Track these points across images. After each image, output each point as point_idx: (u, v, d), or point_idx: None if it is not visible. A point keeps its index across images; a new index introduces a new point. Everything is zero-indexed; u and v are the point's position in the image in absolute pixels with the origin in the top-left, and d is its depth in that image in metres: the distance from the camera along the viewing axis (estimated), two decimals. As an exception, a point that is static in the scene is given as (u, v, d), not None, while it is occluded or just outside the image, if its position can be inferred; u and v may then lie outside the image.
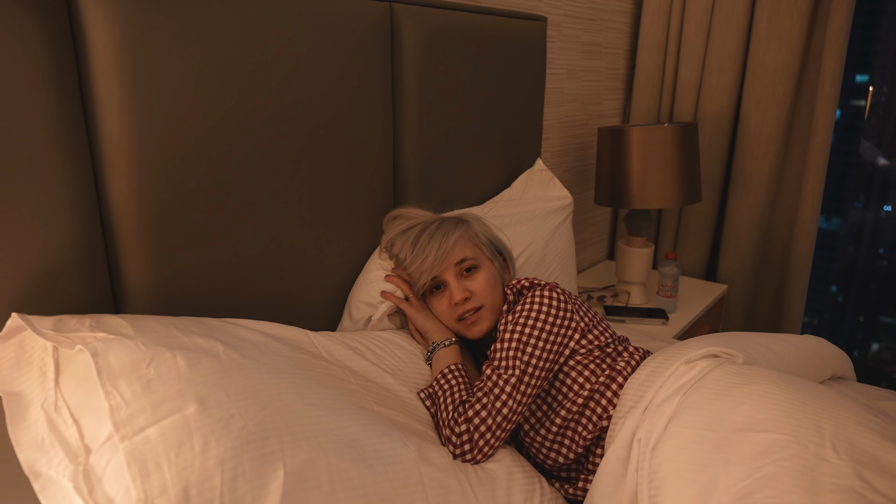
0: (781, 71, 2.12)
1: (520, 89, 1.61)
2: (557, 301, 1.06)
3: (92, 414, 0.71)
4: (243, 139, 0.99)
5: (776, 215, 2.31)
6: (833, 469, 0.72)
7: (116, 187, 0.88)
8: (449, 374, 1.06)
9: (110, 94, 0.85)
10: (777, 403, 0.81)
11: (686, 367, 0.94)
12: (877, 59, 3.93)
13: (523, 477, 0.98)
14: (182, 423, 0.68)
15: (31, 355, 0.77)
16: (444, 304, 1.14)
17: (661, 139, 1.81)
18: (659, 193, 1.84)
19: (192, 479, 0.64)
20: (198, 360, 0.76)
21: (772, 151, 2.20)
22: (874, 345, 5.23)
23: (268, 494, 0.68)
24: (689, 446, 0.82)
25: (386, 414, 0.93)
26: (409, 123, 1.31)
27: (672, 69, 2.32)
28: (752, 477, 0.74)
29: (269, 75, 1.01)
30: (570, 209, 1.61)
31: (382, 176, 1.27)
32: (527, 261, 1.47)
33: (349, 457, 0.78)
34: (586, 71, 2.16)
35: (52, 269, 0.84)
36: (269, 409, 0.75)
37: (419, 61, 1.29)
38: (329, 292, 1.22)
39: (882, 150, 4.22)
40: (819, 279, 5.12)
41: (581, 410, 1.03)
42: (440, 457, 0.91)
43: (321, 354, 0.99)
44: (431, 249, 1.10)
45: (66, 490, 0.66)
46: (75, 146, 0.84)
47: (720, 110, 2.25)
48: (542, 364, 1.02)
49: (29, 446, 0.69)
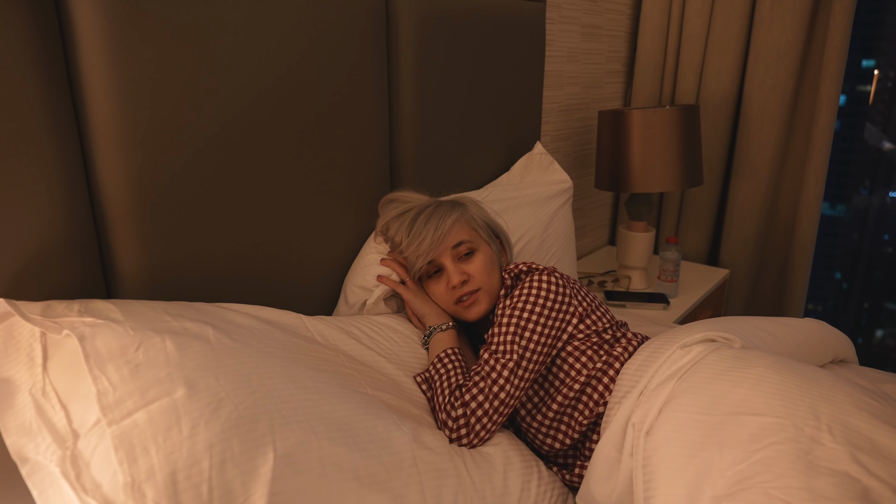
0: (785, 52, 2.09)
1: (519, 72, 1.59)
2: (556, 285, 1.05)
3: (80, 399, 0.70)
4: (236, 122, 0.98)
5: (779, 199, 2.29)
6: (829, 453, 0.71)
7: (106, 171, 0.87)
8: (445, 357, 1.05)
9: (98, 76, 0.83)
10: (773, 387, 0.80)
11: (682, 351, 0.93)
12: (883, 44, 3.89)
13: (520, 461, 0.97)
14: (170, 407, 0.67)
15: (18, 341, 0.76)
16: (441, 287, 1.13)
17: (663, 122, 1.79)
18: (660, 177, 1.83)
19: (179, 464, 0.64)
20: (187, 345, 0.75)
21: (775, 134, 2.17)
22: (878, 331, 5.22)
23: (257, 478, 0.67)
24: (684, 430, 0.81)
25: (381, 397, 0.93)
26: (405, 106, 1.29)
27: (674, 51, 2.29)
28: (748, 461, 0.73)
29: (263, 57, 1.00)
30: (569, 193, 1.60)
31: (378, 160, 1.26)
32: (526, 246, 1.45)
33: (341, 440, 0.77)
34: (587, 53, 2.13)
35: (41, 254, 0.83)
36: (260, 392, 0.75)
37: (415, 43, 1.27)
38: (325, 277, 1.21)
39: (888, 135, 4.18)
40: (823, 266, 5.11)
41: (578, 396, 1.02)
42: (435, 440, 0.90)
43: (315, 338, 0.98)
44: (428, 233, 1.09)
45: (53, 475, 0.65)
46: (63, 129, 0.83)
47: (722, 93, 2.22)
48: (539, 349, 1.01)
49: (16, 432, 0.69)
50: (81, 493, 0.63)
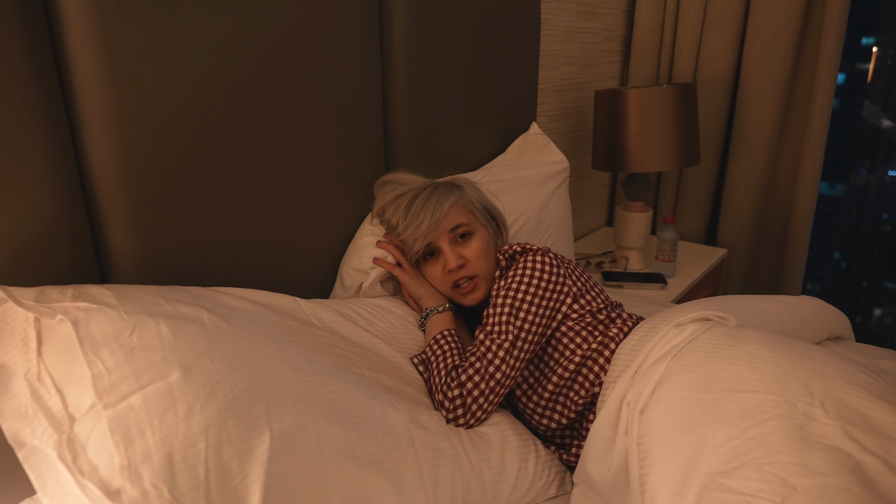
0: (783, 29, 2.07)
1: (514, 51, 1.57)
2: (549, 265, 1.05)
3: (75, 383, 0.70)
4: (226, 104, 0.97)
5: (777, 178, 2.28)
6: (822, 428, 0.71)
7: (97, 155, 0.87)
8: (442, 339, 1.05)
9: (85, 59, 0.82)
10: (766, 364, 0.80)
11: (676, 330, 0.93)
12: (882, 21, 3.85)
13: (518, 440, 0.98)
14: (166, 390, 0.68)
15: (12, 326, 0.76)
16: (438, 270, 1.13)
17: (660, 101, 1.78)
18: (657, 156, 1.82)
19: (176, 445, 0.64)
20: (182, 328, 0.75)
21: (772, 112, 2.16)
22: (877, 310, 5.24)
23: (254, 459, 0.67)
24: (678, 408, 0.81)
25: (377, 379, 0.93)
26: (399, 85, 1.28)
27: (671, 29, 2.27)
28: (741, 437, 0.74)
29: (251, 36, 0.98)
30: (566, 174, 1.59)
31: (373, 140, 1.25)
32: (522, 227, 1.45)
33: (338, 421, 0.77)
34: (583, 32, 2.11)
35: (33, 240, 0.83)
36: (255, 374, 0.75)
37: (409, 21, 1.25)
38: (320, 260, 1.20)
39: (887, 113, 4.16)
40: (822, 245, 5.11)
41: (573, 376, 1.03)
42: (432, 420, 0.91)
43: (311, 321, 0.98)
44: (426, 216, 1.09)
45: (50, 458, 0.65)
46: (52, 114, 0.82)
47: (720, 71, 2.21)
48: (534, 329, 1.01)
49: (12, 416, 0.69)
50: (78, 475, 0.63)
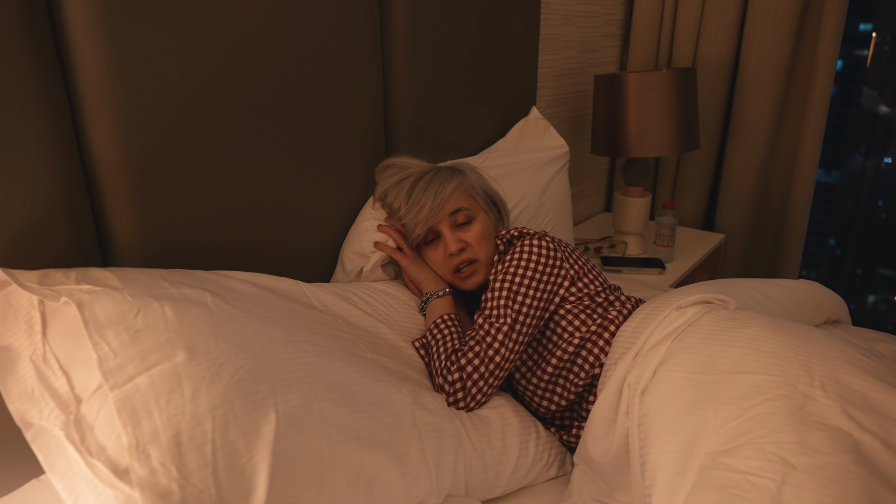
0: (782, 13, 2.06)
1: (514, 35, 1.56)
2: (546, 249, 1.06)
3: (81, 365, 0.70)
4: (226, 83, 0.97)
5: (775, 163, 2.28)
6: (822, 408, 0.72)
7: (98, 139, 0.86)
8: (442, 323, 1.06)
9: (86, 42, 0.82)
10: (767, 346, 0.81)
11: (677, 313, 0.94)
12: (880, 7, 3.83)
13: (518, 422, 0.99)
14: (171, 371, 0.68)
15: (17, 309, 0.76)
16: (438, 255, 1.13)
17: (659, 85, 1.77)
18: (656, 141, 1.82)
19: (183, 425, 0.65)
20: (186, 310, 0.75)
21: (771, 98, 2.16)
22: (871, 297, 5.27)
23: (260, 438, 0.68)
24: (679, 389, 0.82)
25: (380, 361, 0.93)
26: (399, 68, 1.28)
27: (670, 14, 2.26)
28: (742, 417, 0.75)
29: (249, 15, 0.98)
30: (566, 158, 1.59)
31: (373, 124, 1.25)
32: (522, 212, 1.45)
33: (342, 401, 0.78)
34: (582, 16, 2.10)
35: (36, 223, 0.83)
36: (260, 356, 0.75)
37: (409, 5, 1.25)
38: (321, 244, 1.20)
39: (884, 99, 4.15)
40: (818, 232, 5.12)
41: (572, 358, 1.03)
42: (435, 402, 0.91)
43: (313, 304, 0.98)
44: (427, 200, 1.09)
45: (58, 439, 0.66)
46: (53, 97, 0.82)
47: (719, 56, 2.20)
48: (533, 312, 1.02)
49: (19, 398, 0.69)
50: (87, 455, 0.64)
